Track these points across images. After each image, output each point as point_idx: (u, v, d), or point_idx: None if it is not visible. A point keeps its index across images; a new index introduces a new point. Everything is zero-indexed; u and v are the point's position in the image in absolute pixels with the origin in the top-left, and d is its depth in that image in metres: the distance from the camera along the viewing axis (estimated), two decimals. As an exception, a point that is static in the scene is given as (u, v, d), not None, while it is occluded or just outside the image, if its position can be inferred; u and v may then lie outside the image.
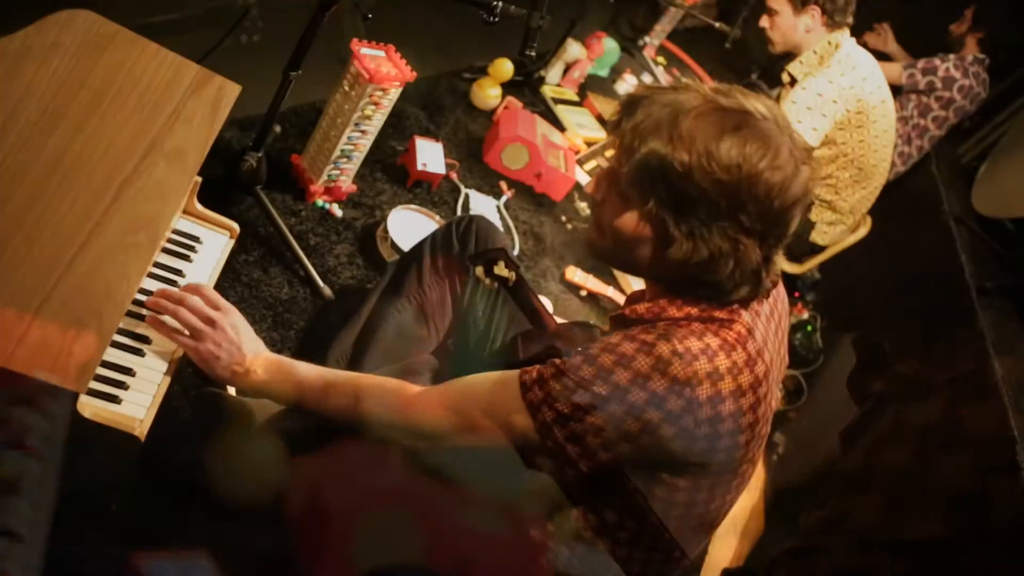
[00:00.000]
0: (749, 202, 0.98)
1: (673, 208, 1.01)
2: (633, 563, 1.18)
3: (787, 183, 0.99)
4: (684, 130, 0.98)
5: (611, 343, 1.03)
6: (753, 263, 1.03)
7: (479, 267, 1.29)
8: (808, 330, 3.10)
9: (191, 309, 1.21)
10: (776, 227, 1.02)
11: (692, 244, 1.01)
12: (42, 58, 1.12)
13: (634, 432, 1.01)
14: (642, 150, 1.00)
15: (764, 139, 0.98)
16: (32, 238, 1.02)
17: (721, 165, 0.97)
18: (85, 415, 1.05)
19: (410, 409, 1.15)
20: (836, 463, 2.30)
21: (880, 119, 2.64)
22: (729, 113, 1.00)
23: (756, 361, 1.04)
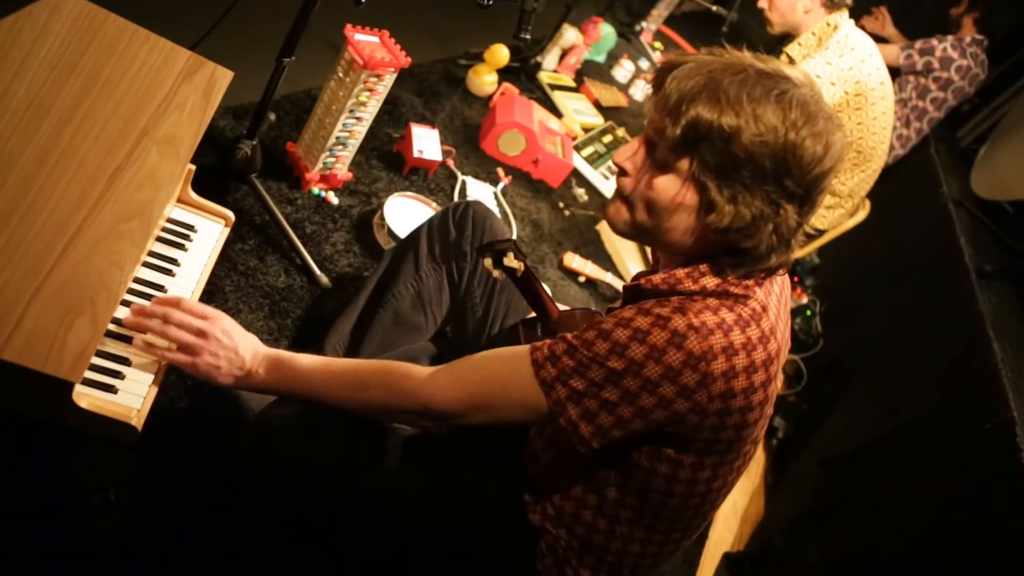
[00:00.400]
0: (793, 166, 0.98)
1: (718, 172, 0.99)
2: (633, 542, 1.18)
3: (826, 151, 0.99)
4: (731, 94, 0.97)
5: (625, 317, 1.02)
6: (792, 227, 1.03)
7: (488, 258, 1.28)
8: (808, 314, 3.09)
9: (177, 324, 1.17)
10: (812, 193, 1.02)
11: (735, 209, 1.00)
12: (31, 44, 1.10)
13: (648, 407, 1.01)
14: (689, 113, 0.98)
15: (804, 106, 0.98)
16: (24, 227, 1.01)
17: (768, 127, 0.96)
18: (82, 405, 1.05)
19: (421, 392, 1.14)
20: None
21: (879, 101, 2.63)
22: (771, 78, 0.99)
23: (769, 339, 1.04)
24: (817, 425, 2.52)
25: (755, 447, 1.18)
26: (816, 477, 2.23)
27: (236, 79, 1.27)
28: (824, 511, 2.06)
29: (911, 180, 3.46)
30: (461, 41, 3.23)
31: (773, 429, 2.66)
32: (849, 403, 2.52)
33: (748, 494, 2.42)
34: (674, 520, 1.17)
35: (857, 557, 1.81)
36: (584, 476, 1.16)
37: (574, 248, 2.66)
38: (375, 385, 1.18)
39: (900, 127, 3.66)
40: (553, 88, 3.40)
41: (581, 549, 1.20)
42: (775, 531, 2.17)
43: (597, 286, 2.59)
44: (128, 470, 1.31)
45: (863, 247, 3.21)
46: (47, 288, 1.00)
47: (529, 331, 1.38)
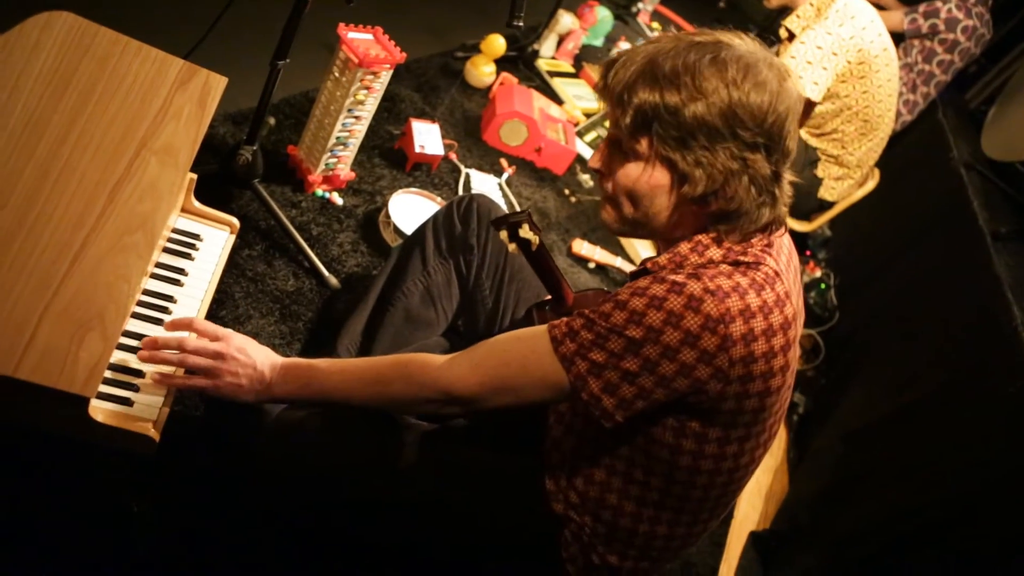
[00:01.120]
0: (745, 118, 1.01)
1: (676, 143, 1.03)
2: (660, 524, 1.18)
3: (774, 96, 1.02)
4: (667, 70, 1.02)
5: (640, 287, 1.03)
6: (765, 176, 1.05)
7: (503, 231, 1.28)
8: (822, 288, 3.06)
9: (194, 351, 1.17)
10: (776, 139, 1.04)
11: (703, 173, 1.03)
12: (24, 62, 1.10)
13: (669, 375, 1.01)
14: (634, 100, 1.03)
15: (739, 60, 1.02)
16: (29, 245, 1.02)
17: (709, 92, 1.00)
18: (99, 419, 1.05)
19: (441, 379, 1.14)
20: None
21: (883, 68, 2.59)
22: (703, 46, 1.04)
23: (785, 302, 1.05)
24: (837, 399, 2.50)
25: (779, 423, 1.17)
26: (838, 451, 2.21)
27: (232, 85, 1.27)
28: (848, 485, 2.04)
29: (920, 146, 3.41)
30: (456, 33, 3.21)
31: (793, 405, 2.64)
32: (868, 375, 2.49)
33: (771, 471, 2.41)
34: (701, 500, 1.16)
35: (883, 529, 1.80)
36: (607, 460, 1.16)
37: (582, 235, 2.65)
38: (396, 379, 1.18)
39: (907, 92, 3.61)
40: (552, 75, 3.38)
41: (607, 535, 1.19)
42: (800, 507, 2.16)
43: (608, 271, 2.58)
44: (148, 480, 1.32)
45: (875, 217, 3.17)
46: (56, 305, 1.01)
47: (543, 314, 1.37)
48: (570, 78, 3.47)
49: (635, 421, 1.06)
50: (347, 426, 1.21)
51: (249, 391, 1.20)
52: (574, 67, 3.58)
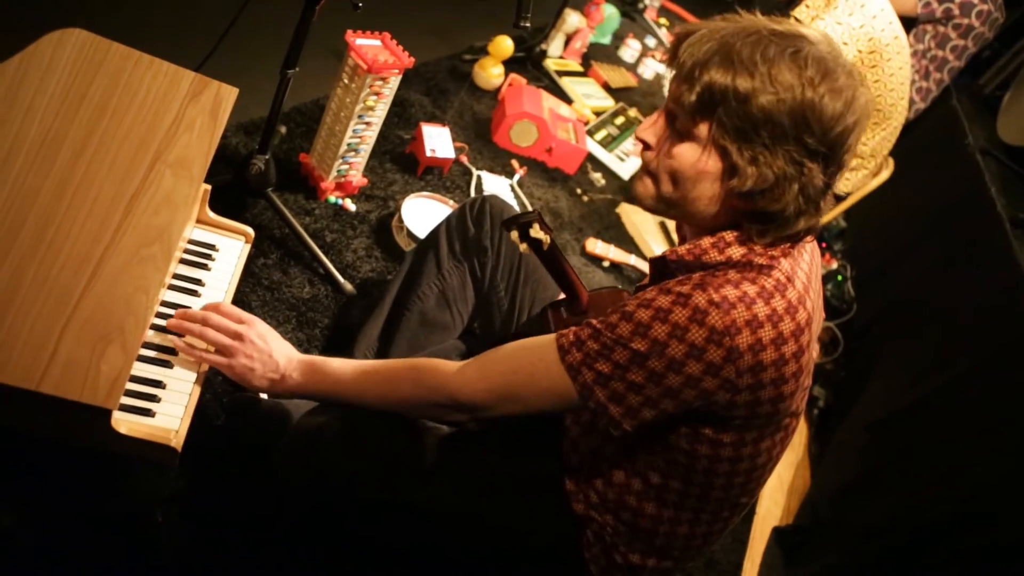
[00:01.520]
0: (813, 123, 0.96)
1: (736, 134, 0.98)
2: (680, 524, 1.17)
3: (847, 107, 0.97)
4: (744, 56, 0.97)
5: (646, 298, 1.02)
6: (818, 187, 1.01)
7: (514, 231, 1.28)
8: (839, 280, 3.04)
9: (215, 327, 1.20)
10: (838, 152, 1.00)
11: (756, 171, 0.98)
12: (39, 81, 1.12)
13: (676, 387, 1.00)
14: (703, 78, 0.98)
15: (820, 62, 0.97)
16: (49, 261, 1.03)
17: (784, 86, 0.96)
18: (121, 431, 1.06)
19: (450, 385, 1.15)
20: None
21: (895, 56, 2.57)
22: (785, 37, 0.98)
23: (797, 308, 1.02)
24: (857, 391, 2.48)
25: (797, 420, 1.16)
26: (860, 444, 2.19)
27: (243, 95, 1.28)
28: (871, 477, 2.02)
29: (935, 133, 3.38)
30: (464, 36, 3.22)
31: (813, 398, 2.62)
32: (888, 366, 2.47)
33: (793, 466, 2.39)
34: (721, 500, 1.16)
35: (907, 521, 1.78)
36: (625, 461, 1.16)
37: (596, 233, 2.64)
38: (405, 381, 1.19)
39: (919, 80, 3.57)
40: (560, 74, 3.38)
41: (628, 534, 1.19)
42: (823, 501, 2.14)
43: (622, 269, 2.57)
44: (173, 490, 1.33)
45: (890, 206, 3.14)
46: (76, 319, 1.02)
47: (557, 313, 1.37)
48: (579, 77, 3.47)
49: (648, 428, 1.05)
50: (366, 430, 1.22)
51: (261, 377, 1.21)
52: (582, 66, 3.57)
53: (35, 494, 1.23)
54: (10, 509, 1.19)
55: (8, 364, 0.97)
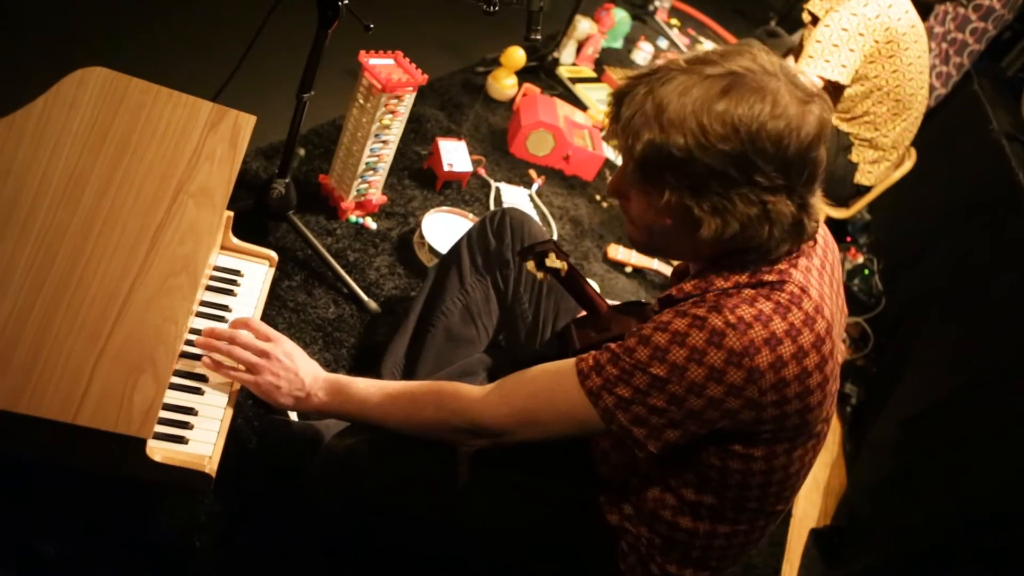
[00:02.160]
0: (759, 160, 0.95)
1: (689, 191, 0.98)
2: (717, 536, 1.16)
3: (795, 125, 0.95)
4: (672, 113, 0.95)
5: (663, 321, 1.01)
6: (788, 218, 1.00)
7: (530, 261, 1.28)
8: (866, 274, 3.00)
9: (243, 345, 1.23)
10: (800, 174, 0.98)
11: (720, 220, 0.98)
12: (64, 120, 1.14)
13: (698, 409, 0.99)
14: (638, 146, 0.98)
15: (757, 92, 0.95)
16: (80, 296, 1.05)
17: (718, 136, 0.94)
18: (156, 459, 1.08)
19: (471, 410, 1.15)
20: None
21: (912, 45, 2.53)
22: (713, 80, 0.96)
23: (815, 319, 1.01)
24: (890, 386, 2.44)
25: (828, 424, 1.14)
26: (896, 440, 2.16)
27: (261, 120, 1.29)
28: (908, 474, 1.99)
29: (957, 119, 3.33)
30: (475, 48, 3.23)
31: (845, 396, 2.59)
32: (921, 359, 2.43)
33: (828, 466, 2.36)
34: (756, 510, 1.15)
35: (949, 518, 1.75)
36: (658, 477, 1.15)
37: (617, 239, 2.64)
38: (427, 405, 1.19)
39: (939, 64, 3.52)
40: (574, 81, 3.38)
41: (664, 546, 1.18)
42: (860, 501, 2.11)
43: (645, 274, 2.56)
44: (209, 515, 1.35)
45: (915, 196, 3.09)
46: (108, 352, 1.04)
47: (581, 330, 1.37)
48: (592, 83, 3.47)
49: (677, 447, 1.05)
50: (397, 450, 1.22)
51: (286, 395, 1.23)
52: (595, 71, 3.57)
53: (75, 524, 1.25)
54: (51, 540, 1.21)
55: (45, 398, 0.99)
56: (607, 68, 3.61)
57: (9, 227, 1.05)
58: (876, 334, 2.76)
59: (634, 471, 1.18)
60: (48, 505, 1.25)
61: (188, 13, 2.61)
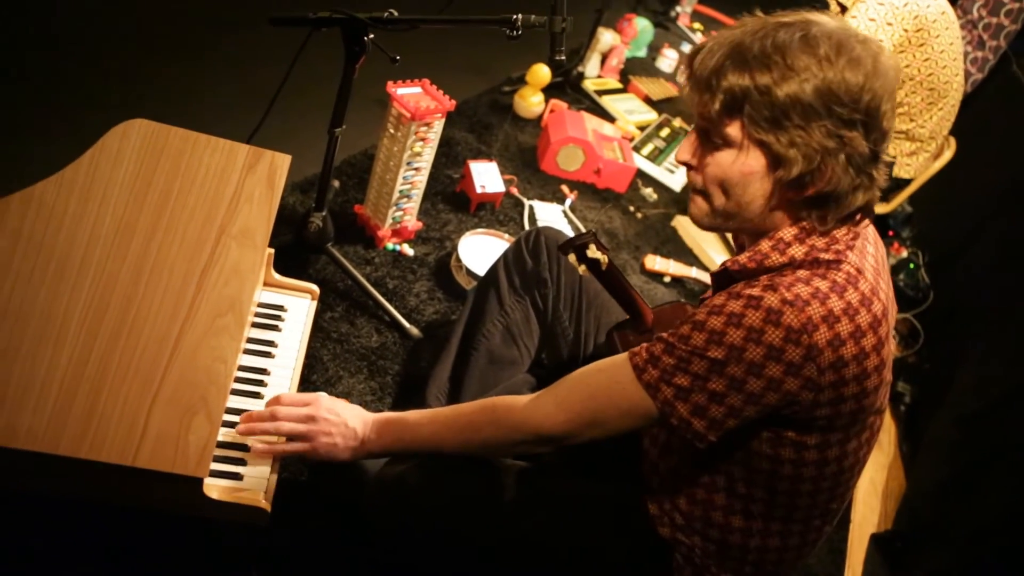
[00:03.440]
0: (841, 95, 0.97)
1: (769, 125, 0.99)
2: (771, 536, 1.15)
3: (870, 74, 0.98)
4: (755, 52, 0.98)
5: (716, 305, 1.01)
6: (864, 155, 1.00)
7: (571, 254, 1.28)
8: (911, 268, 2.93)
9: (286, 418, 1.22)
10: (876, 118, 0.99)
11: (799, 152, 0.99)
12: (110, 172, 1.18)
13: (757, 391, 0.98)
14: (723, 84, 1.00)
15: (832, 38, 0.98)
16: (132, 342, 1.08)
17: (801, 69, 0.97)
18: (213, 497, 1.10)
19: (529, 420, 1.15)
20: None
21: (943, 32, 2.48)
22: (792, 25, 1.00)
23: (871, 300, 1.00)
24: (944, 383, 2.38)
25: (880, 418, 1.12)
26: (954, 439, 2.10)
27: (295, 156, 1.32)
28: (970, 475, 1.93)
29: (997, 104, 3.25)
30: (500, 68, 3.26)
31: (899, 394, 2.52)
32: (975, 353, 2.36)
33: (885, 468, 2.30)
34: (810, 507, 1.13)
35: (1016, 519, 1.69)
36: (707, 477, 1.14)
37: (653, 249, 2.62)
38: (485, 424, 1.19)
39: (973, 50, 3.44)
40: (600, 94, 3.39)
41: (719, 553, 1.17)
42: (921, 503, 2.05)
43: (684, 283, 2.54)
44: (266, 548, 1.37)
45: (957, 186, 3.02)
46: (163, 394, 1.06)
47: (623, 334, 1.36)
48: (619, 94, 3.48)
49: (730, 437, 1.04)
50: (446, 474, 1.23)
51: (344, 449, 1.23)
52: (621, 82, 3.58)
53: (136, 562, 1.28)
54: (115, 580, 1.25)
55: (105, 443, 1.02)
56: (632, 78, 3.60)
57: (64, 279, 1.09)
58: (926, 329, 2.69)
59: (683, 475, 1.17)
60: (109, 544, 1.28)
61: (218, 57, 2.68)
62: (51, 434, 1.00)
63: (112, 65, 2.42)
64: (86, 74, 2.33)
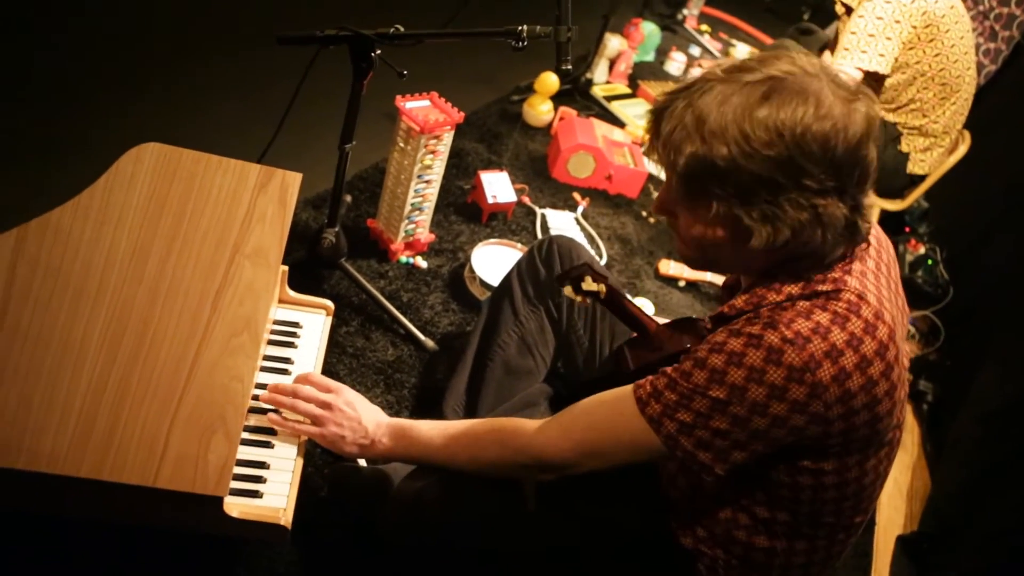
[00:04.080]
0: (807, 164, 0.93)
1: (737, 200, 0.96)
2: (796, 554, 1.13)
3: (841, 125, 0.93)
4: (713, 124, 0.94)
5: (718, 342, 1.00)
6: (841, 220, 0.97)
7: (567, 287, 1.28)
8: (929, 264, 2.90)
9: (305, 398, 1.26)
10: (850, 174, 0.96)
11: (771, 227, 0.96)
12: (124, 196, 1.20)
13: (763, 428, 0.97)
14: (681, 160, 0.96)
15: (799, 94, 0.93)
16: (150, 364, 1.09)
17: (762, 142, 0.92)
18: (234, 515, 1.10)
19: (533, 446, 1.15)
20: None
21: (952, 27, 2.46)
22: (752, 87, 0.94)
23: (876, 326, 0.98)
24: (967, 380, 2.34)
25: (900, 430, 1.10)
26: (979, 437, 2.06)
27: (306, 172, 1.34)
28: (996, 473, 1.90)
29: (1012, 95, 3.21)
30: (508, 78, 3.27)
31: (921, 393, 2.49)
32: (998, 349, 2.33)
33: (909, 468, 2.27)
34: (833, 524, 1.11)
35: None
36: (728, 497, 1.13)
37: (667, 254, 2.61)
38: (490, 444, 1.20)
39: (985, 42, 3.40)
40: (610, 99, 3.38)
41: (742, 567, 1.16)
42: (947, 503, 2.02)
43: (699, 287, 2.53)
44: (286, 564, 1.37)
45: (972, 179, 2.98)
46: (181, 415, 1.07)
47: (634, 350, 1.36)
48: (628, 99, 3.47)
49: (742, 467, 1.03)
50: (466, 490, 1.23)
51: (351, 443, 1.26)
52: (630, 87, 3.57)
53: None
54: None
55: (126, 465, 1.03)
56: (641, 82, 3.60)
57: (82, 304, 1.11)
58: (946, 326, 2.66)
59: (704, 493, 1.16)
60: (131, 563, 1.29)
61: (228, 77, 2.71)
62: (73, 457, 1.01)
63: (122, 86, 2.45)
64: (97, 94, 2.37)
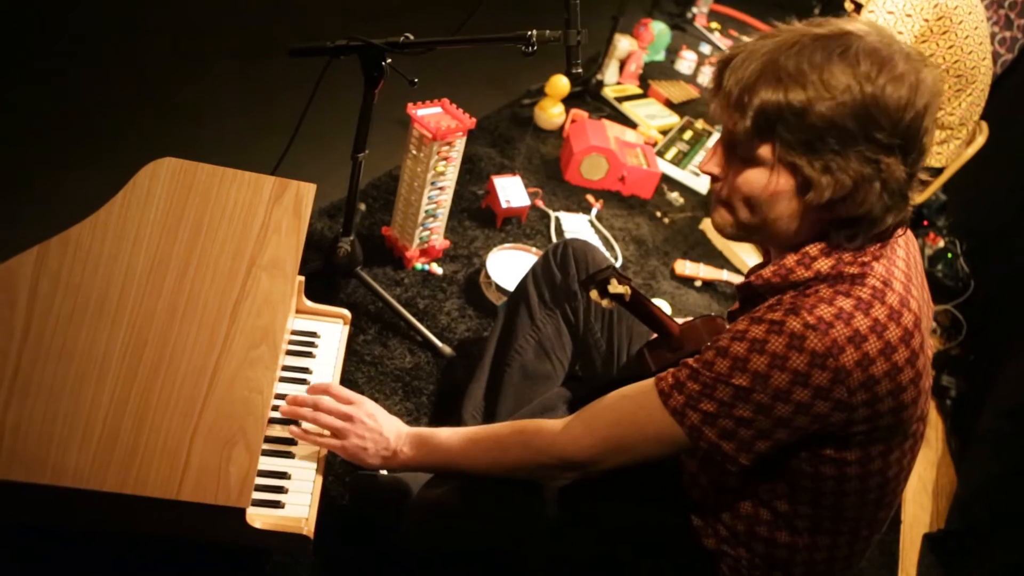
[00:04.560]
0: (881, 118, 0.92)
1: (803, 147, 0.95)
2: (819, 550, 1.12)
3: (913, 91, 0.92)
4: (791, 68, 0.93)
5: (739, 330, 0.99)
6: (901, 180, 0.96)
7: (594, 290, 1.28)
8: (949, 258, 2.86)
9: (326, 410, 1.25)
10: (915, 137, 0.95)
11: (832, 179, 0.94)
12: (141, 211, 1.21)
13: (786, 416, 0.97)
14: (754, 102, 0.95)
15: (873, 54, 0.93)
16: (171, 377, 1.10)
17: (840, 89, 0.92)
18: (256, 526, 1.11)
19: (556, 445, 1.14)
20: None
21: (966, 17, 2.43)
22: (830, 39, 0.94)
23: (901, 312, 0.97)
24: (991, 374, 2.31)
25: (924, 423, 1.09)
26: (1005, 432, 2.03)
27: (320, 182, 1.34)
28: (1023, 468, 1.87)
29: (1029, 84, 3.17)
30: (519, 81, 3.27)
31: (944, 388, 2.46)
32: (1021, 343, 2.30)
33: (934, 465, 2.24)
34: (856, 519, 1.10)
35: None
36: (749, 492, 1.12)
37: (683, 254, 2.60)
38: (513, 446, 1.19)
39: (1000, 31, 3.36)
40: (621, 100, 3.38)
41: (765, 566, 1.15)
42: (974, 500, 1.99)
43: (716, 286, 2.51)
44: (309, 574, 1.38)
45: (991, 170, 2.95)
46: (202, 427, 1.08)
47: (654, 352, 1.36)
48: (639, 99, 3.47)
49: (766, 458, 1.02)
50: (485, 496, 1.23)
51: (373, 455, 1.25)
52: (641, 87, 3.57)
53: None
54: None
55: (148, 478, 1.04)
56: (652, 82, 3.59)
57: (102, 319, 1.12)
58: (968, 320, 2.63)
59: (725, 490, 1.15)
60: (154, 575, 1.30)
61: (241, 88, 2.73)
62: (97, 471, 1.02)
63: (135, 100, 2.48)
64: (111, 108, 2.39)
